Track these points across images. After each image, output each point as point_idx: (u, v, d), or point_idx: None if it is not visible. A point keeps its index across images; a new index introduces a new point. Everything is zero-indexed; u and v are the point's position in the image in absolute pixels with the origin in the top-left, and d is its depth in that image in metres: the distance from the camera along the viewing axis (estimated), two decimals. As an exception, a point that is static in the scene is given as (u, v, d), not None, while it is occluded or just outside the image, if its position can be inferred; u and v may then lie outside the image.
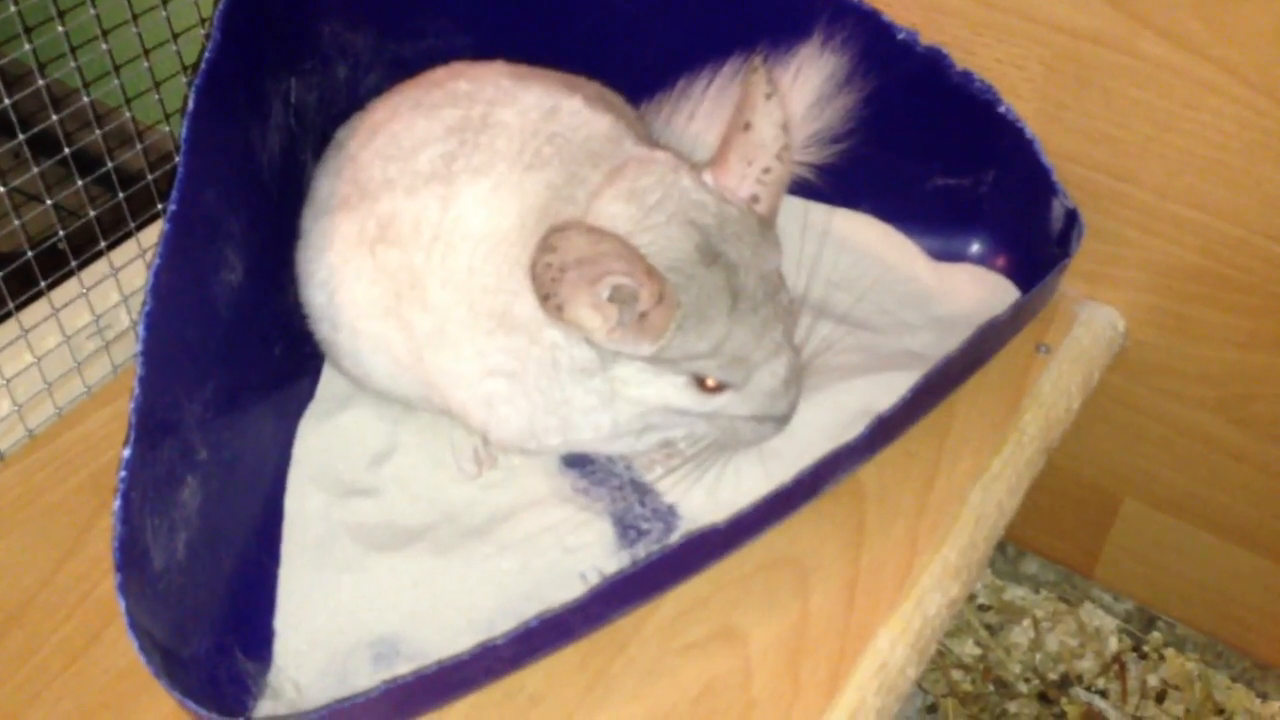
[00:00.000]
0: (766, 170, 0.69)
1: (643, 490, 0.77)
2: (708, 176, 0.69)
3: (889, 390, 0.74)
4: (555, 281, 0.63)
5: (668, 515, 0.76)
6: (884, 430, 0.71)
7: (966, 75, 0.81)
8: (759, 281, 0.68)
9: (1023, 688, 1.03)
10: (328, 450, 0.79)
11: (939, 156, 0.88)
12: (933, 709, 1.02)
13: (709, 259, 0.66)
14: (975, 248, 0.90)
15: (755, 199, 0.69)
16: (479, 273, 0.70)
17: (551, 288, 0.63)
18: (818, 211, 0.91)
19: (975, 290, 0.88)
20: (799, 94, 0.83)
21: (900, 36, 0.82)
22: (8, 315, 0.77)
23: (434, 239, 0.71)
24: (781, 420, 0.71)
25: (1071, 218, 0.81)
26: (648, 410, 0.71)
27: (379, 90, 0.80)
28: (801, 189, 0.88)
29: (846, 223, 0.91)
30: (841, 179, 0.87)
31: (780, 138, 0.68)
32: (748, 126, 0.68)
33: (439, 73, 0.78)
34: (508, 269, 0.69)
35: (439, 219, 0.71)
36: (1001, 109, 0.82)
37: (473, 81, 0.75)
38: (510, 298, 0.69)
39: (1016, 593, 1.09)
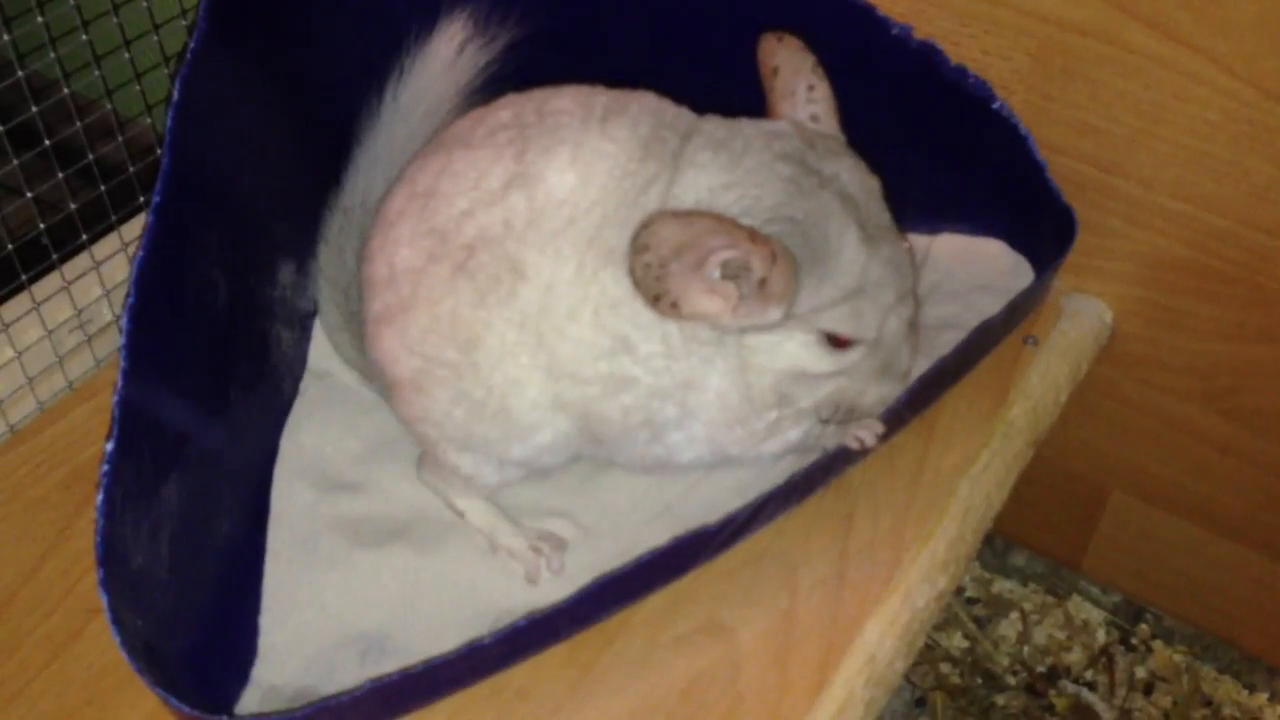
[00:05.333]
0: (812, 88, 0.67)
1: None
2: None
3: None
4: (660, 279, 0.59)
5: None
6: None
7: (960, 71, 0.81)
8: (875, 204, 0.64)
9: (1011, 680, 1.03)
10: (315, 445, 0.78)
11: (931, 153, 0.87)
12: (921, 702, 1.02)
13: (812, 183, 0.62)
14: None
15: (815, 119, 0.67)
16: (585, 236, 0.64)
17: (659, 287, 0.59)
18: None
19: (969, 261, 0.88)
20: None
21: (894, 32, 0.81)
22: (-11, 309, 0.76)
23: (528, 225, 0.65)
24: (904, 376, 0.67)
25: (1065, 216, 0.81)
26: (779, 379, 0.65)
27: (369, 78, 0.79)
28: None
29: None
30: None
31: (808, 58, 0.68)
32: (775, 70, 0.68)
33: (476, 111, 0.72)
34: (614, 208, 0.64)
35: (527, 209, 0.65)
36: (995, 105, 0.81)
37: (513, 103, 0.70)
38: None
39: (1004, 585, 1.09)
